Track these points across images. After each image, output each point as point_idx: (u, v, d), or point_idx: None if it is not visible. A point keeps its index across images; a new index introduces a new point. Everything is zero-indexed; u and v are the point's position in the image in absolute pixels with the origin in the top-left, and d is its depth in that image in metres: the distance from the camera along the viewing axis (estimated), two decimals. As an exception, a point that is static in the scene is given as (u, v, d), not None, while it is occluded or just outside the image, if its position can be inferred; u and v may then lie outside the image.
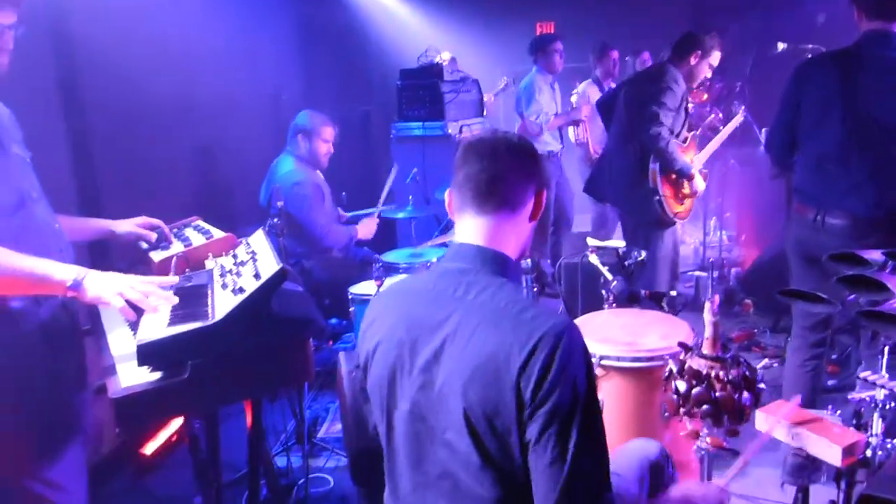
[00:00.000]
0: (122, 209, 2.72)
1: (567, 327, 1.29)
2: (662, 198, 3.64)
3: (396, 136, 5.36)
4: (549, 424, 1.24)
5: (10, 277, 1.77)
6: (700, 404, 1.70)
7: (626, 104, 3.83)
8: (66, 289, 1.82)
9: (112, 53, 3.47)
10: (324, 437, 3.57)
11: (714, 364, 1.72)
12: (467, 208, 1.48)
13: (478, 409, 1.30)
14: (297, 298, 1.96)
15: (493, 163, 1.46)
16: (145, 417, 1.69)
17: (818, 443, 1.71)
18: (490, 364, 1.28)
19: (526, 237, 1.54)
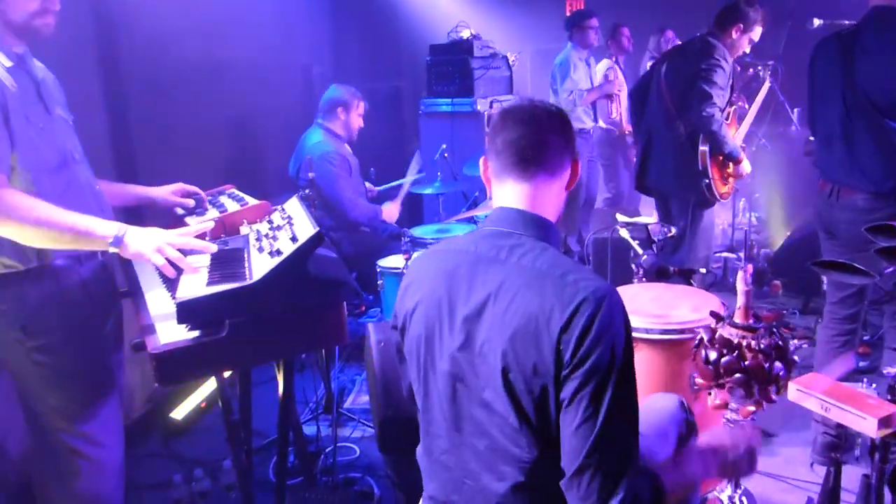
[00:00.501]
0: (157, 175, 2.76)
1: (609, 291, 1.31)
2: (711, 181, 3.56)
3: (425, 112, 5.36)
4: (585, 385, 1.26)
5: (55, 231, 1.83)
6: (730, 373, 1.70)
7: (669, 82, 3.71)
8: (107, 244, 1.87)
9: (150, 23, 3.51)
10: (350, 407, 3.62)
11: (746, 333, 1.72)
12: (507, 174, 1.49)
13: (516, 369, 1.32)
14: (331, 263, 1.99)
15: (534, 128, 1.47)
16: (184, 373, 1.72)
17: (853, 415, 1.71)
18: (531, 324, 1.30)
19: (561, 205, 1.55)
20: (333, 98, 4.15)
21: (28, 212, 1.80)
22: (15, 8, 1.89)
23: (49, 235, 1.84)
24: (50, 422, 2.07)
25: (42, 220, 1.82)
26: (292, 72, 5.47)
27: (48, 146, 1.96)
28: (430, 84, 5.37)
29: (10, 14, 1.90)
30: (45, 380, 2.01)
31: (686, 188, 3.66)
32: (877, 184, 2.64)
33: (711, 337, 1.75)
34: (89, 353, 2.08)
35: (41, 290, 1.96)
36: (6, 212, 1.78)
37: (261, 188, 3.35)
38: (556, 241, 1.48)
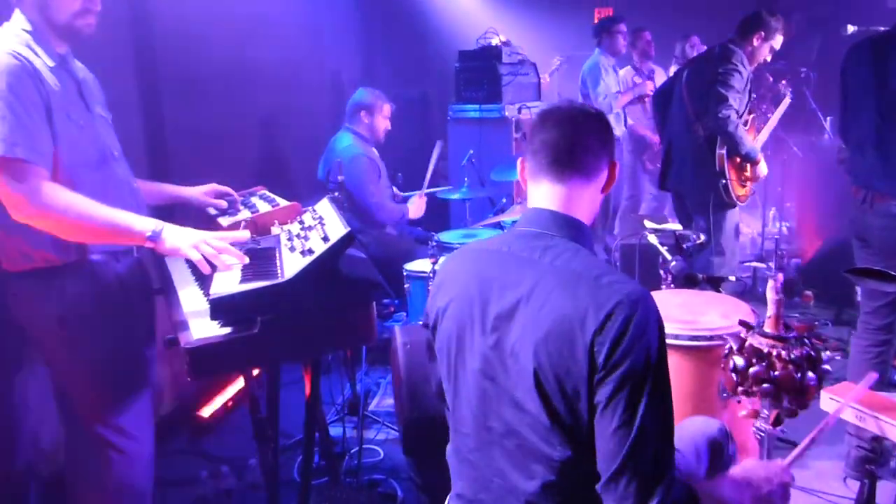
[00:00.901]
0: (190, 175, 2.80)
1: (644, 294, 1.31)
2: (728, 181, 3.60)
3: (453, 118, 5.37)
4: (620, 389, 1.25)
5: (94, 225, 1.87)
6: (759, 383, 1.68)
7: (689, 87, 3.78)
8: (145, 239, 1.91)
9: (185, 26, 3.56)
10: (375, 409, 3.63)
11: (776, 343, 1.69)
12: (543, 175, 1.49)
13: (548, 370, 1.31)
14: (361, 263, 2.00)
15: (572, 130, 1.47)
16: (215, 367, 1.76)
17: (888, 424, 1.68)
18: (564, 326, 1.30)
19: (597, 208, 1.55)
20: (357, 102, 4.19)
21: (69, 206, 1.85)
22: (58, 9, 1.94)
23: (88, 229, 1.88)
24: (83, 413, 2.11)
25: (82, 214, 1.86)
26: (322, 76, 5.53)
27: (88, 143, 2.01)
28: (458, 90, 5.38)
29: (54, 15, 1.95)
30: (80, 372, 2.06)
31: (703, 189, 3.70)
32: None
33: (741, 346, 1.73)
34: (124, 347, 2.12)
35: (79, 284, 2.00)
36: (48, 205, 1.83)
37: (291, 190, 3.39)
38: (588, 243, 1.48)
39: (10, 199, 1.81)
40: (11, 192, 1.80)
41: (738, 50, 3.63)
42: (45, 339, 2.05)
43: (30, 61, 1.87)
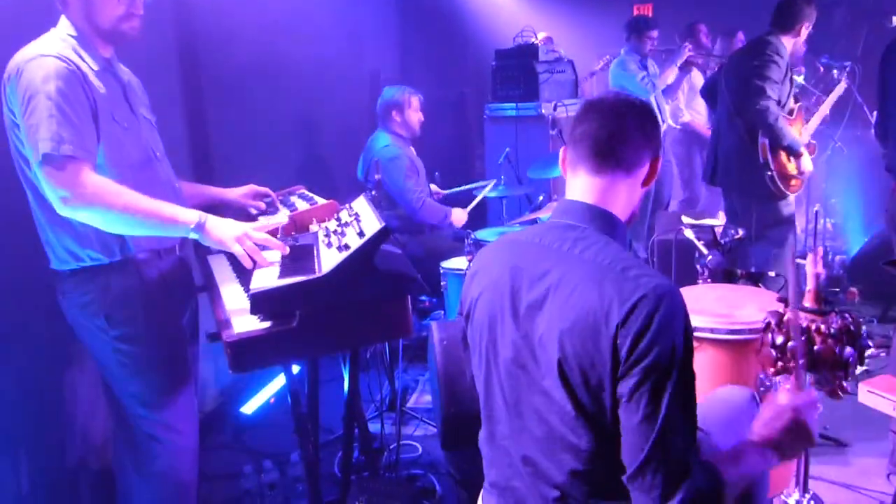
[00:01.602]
0: (232, 175, 2.87)
1: (670, 289, 1.31)
2: (774, 173, 3.55)
3: (490, 117, 5.39)
4: (644, 382, 1.26)
5: (140, 216, 1.92)
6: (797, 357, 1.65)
7: (728, 81, 3.76)
8: (189, 230, 1.96)
9: (226, 28, 3.64)
10: (413, 406, 3.66)
11: (815, 317, 1.67)
12: (581, 165, 1.50)
13: (573, 360, 1.33)
14: (397, 258, 2.04)
15: (614, 120, 1.47)
16: (256, 361, 1.80)
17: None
18: (590, 317, 1.31)
19: (636, 202, 1.54)
20: (386, 101, 4.24)
21: (115, 196, 1.89)
22: (102, 14, 2.02)
23: (134, 220, 1.92)
24: (130, 408, 2.18)
25: (129, 205, 1.90)
26: (360, 77, 5.60)
27: (133, 144, 2.08)
28: (494, 89, 5.40)
29: (99, 20, 2.02)
30: (126, 367, 2.12)
31: (749, 182, 3.67)
32: None
33: (779, 321, 1.70)
34: (168, 343, 2.18)
35: (124, 281, 2.06)
36: (94, 195, 1.87)
37: (330, 189, 3.45)
38: (621, 236, 1.48)
39: (56, 193, 1.85)
40: (57, 186, 1.84)
41: (773, 41, 3.59)
42: (92, 337, 2.11)
43: (76, 65, 1.94)
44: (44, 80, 1.86)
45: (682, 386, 1.27)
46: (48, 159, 1.83)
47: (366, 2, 5.66)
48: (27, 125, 1.86)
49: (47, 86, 1.86)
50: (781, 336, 1.66)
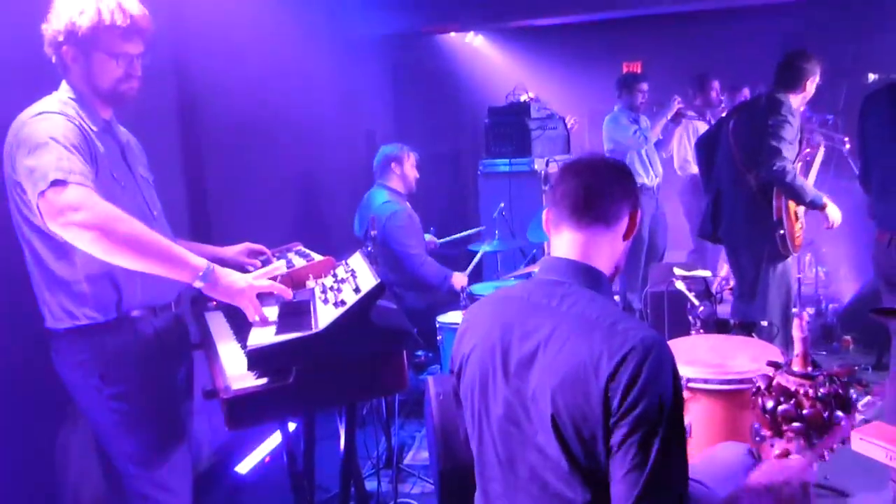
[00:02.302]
0: (230, 233, 2.91)
1: (658, 341, 1.34)
2: (786, 231, 3.55)
3: (484, 173, 5.49)
4: (632, 433, 1.28)
5: (150, 250, 1.89)
6: (788, 421, 1.69)
7: (737, 137, 3.74)
8: (197, 276, 1.93)
9: (225, 90, 3.73)
10: (410, 463, 3.63)
11: (803, 381, 1.70)
12: (563, 223, 1.55)
13: (565, 415, 1.35)
14: (392, 313, 2.06)
15: (590, 178, 1.53)
16: (253, 417, 1.80)
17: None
18: (580, 372, 1.33)
19: (619, 255, 1.58)
20: (385, 155, 4.32)
21: (123, 222, 1.85)
22: (102, 77, 2.08)
23: (143, 253, 1.87)
24: (122, 468, 2.15)
25: (137, 234, 1.86)
26: (356, 135, 5.71)
27: (129, 203, 2.10)
28: (488, 145, 5.51)
29: (98, 82, 2.08)
30: (119, 426, 2.11)
31: (759, 240, 3.64)
32: None
33: (768, 385, 1.74)
34: (162, 402, 2.18)
35: (119, 340, 2.07)
36: (100, 215, 1.82)
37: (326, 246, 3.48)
38: (606, 290, 1.51)
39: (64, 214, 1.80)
40: (66, 206, 1.80)
41: (784, 100, 3.58)
42: (86, 396, 2.10)
43: (79, 121, 2.00)
44: (50, 130, 1.90)
45: (672, 437, 1.29)
46: (59, 185, 1.80)
47: (362, 62, 5.81)
48: (29, 166, 1.85)
49: (54, 133, 1.89)
50: (772, 400, 1.69)
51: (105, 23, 2.03)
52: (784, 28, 6.81)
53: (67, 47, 2.04)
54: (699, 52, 7.02)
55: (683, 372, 2.30)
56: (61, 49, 2.05)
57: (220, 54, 3.65)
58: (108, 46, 2.06)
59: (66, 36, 2.02)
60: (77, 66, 2.07)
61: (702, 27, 6.96)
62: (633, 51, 7.56)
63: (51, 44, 2.05)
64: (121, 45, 2.07)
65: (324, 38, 5.08)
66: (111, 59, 2.07)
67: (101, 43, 2.04)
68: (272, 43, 4.18)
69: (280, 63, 4.28)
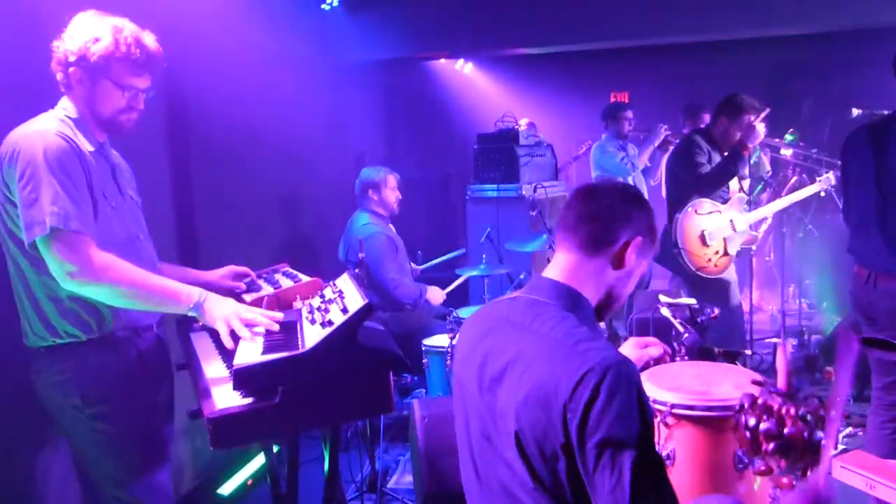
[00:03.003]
0: (216, 256, 2.91)
1: (617, 362, 1.30)
2: (682, 250, 3.79)
3: (471, 198, 5.52)
4: (599, 459, 1.25)
5: (148, 292, 1.97)
6: (769, 440, 1.69)
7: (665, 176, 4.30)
8: (188, 308, 2.00)
9: (215, 113, 3.76)
10: (394, 487, 3.61)
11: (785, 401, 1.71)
12: (558, 245, 1.58)
13: (528, 434, 1.35)
14: (379, 335, 2.07)
15: (584, 203, 1.55)
16: (238, 437, 1.80)
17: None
18: (541, 393, 1.33)
19: (611, 282, 1.55)
20: (362, 182, 4.37)
21: (123, 273, 1.94)
22: (104, 104, 2.10)
23: (140, 296, 1.97)
24: (103, 487, 2.13)
25: (136, 282, 1.95)
26: (345, 158, 5.75)
27: (119, 224, 2.13)
28: (477, 170, 5.56)
29: (99, 108, 2.10)
30: (100, 446, 2.09)
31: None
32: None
33: (752, 403, 1.75)
34: (143, 422, 2.16)
35: (101, 359, 2.06)
36: (102, 270, 1.91)
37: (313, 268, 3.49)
38: (584, 312, 1.50)
39: (63, 268, 1.88)
40: (66, 261, 1.88)
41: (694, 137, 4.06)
42: (66, 416, 2.08)
43: (75, 142, 2.01)
44: (44, 155, 1.91)
45: (645, 463, 1.25)
46: (57, 234, 1.87)
47: (352, 86, 5.86)
48: (26, 198, 1.89)
49: (49, 160, 1.91)
50: (754, 418, 1.70)
51: (119, 54, 2.05)
52: (771, 61, 6.95)
53: (76, 69, 2.06)
54: (687, 82, 7.14)
55: (667, 398, 2.31)
56: (69, 69, 2.06)
57: (210, 76, 3.68)
58: (118, 77, 2.08)
59: (77, 58, 2.04)
60: (82, 88, 2.08)
61: (690, 59, 7.10)
62: (621, 80, 7.69)
63: (60, 62, 2.07)
64: (130, 77, 2.10)
65: (315, 62, 5.13)
66: (117, 90, 2.09)
67: (112, 72, 2.07)
68: (263, 66, 4.23)
69: (270, 86, 4.32)
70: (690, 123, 5.89)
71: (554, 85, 7.39)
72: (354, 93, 5.96)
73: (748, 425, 1.68)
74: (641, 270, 1.60)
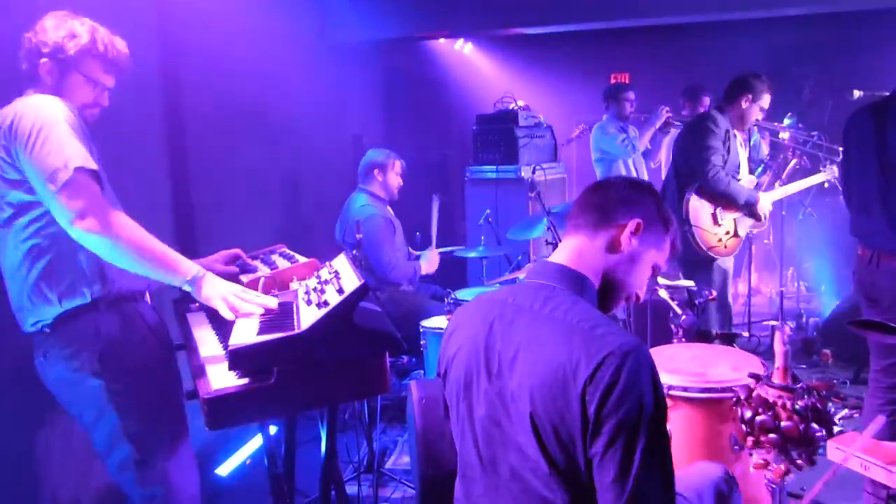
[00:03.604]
0: (214, 237, 2.90)
1: (636, 346, 1.33)
2: (695, 228, 3.76)
3: (470, 179, 5.50)
4: (614, 441, 1.28)
5: (149, 254, 1.95)
6: (766, 433, 1.70)
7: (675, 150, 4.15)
8: (185, 280, 1.98)
9: (213, 94, 3.75)
10: (392, 468, 3.62)
11: (782, 393, 1.72)
12: (565, 234, 1.61)
13: (543, 416, 1.35)
14: (375, 315, 2.06)
15: (591, 191, 1.61)
16: (233, 417, 1.79)
17: (890, 472, 1.68)
18: (558, 375, 1.34)
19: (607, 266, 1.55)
20: (369, 161, 4.32)
21: (130, 229, 1.93)
22: (72, 97, 2.09)
23: (141, 256, 1.93)
24: (124, 471, 2.11)
25: (142, 242, 1.93)
26: (344, 139, 5.72)
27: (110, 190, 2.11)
28: (476, 152, 5.53)
29: (66, 100, 2.05)
30: (122, 414, 2.07)
31: None
32: None
33: (748, 395, 1.76)
34: (162, 386, 2.17)
35: (110, 319, 2.06)
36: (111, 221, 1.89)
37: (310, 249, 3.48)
38: (590, 296, 1.52)
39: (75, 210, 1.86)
40: (79, 203, 1.86)
41: (713, 113, 3.97)
42: (82, 391, 2.06)
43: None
44: (51, 113, 1.92)
45: (655, 444, 1.29)
46: (80, 172, 1.87)
47: (351, 67, 5.82)
48: (40, 150, 1.87)
49: (57, 117, 1.92)
50: (750, 411, 1.70)
51: (96, 51, 2.08)
52: (773, 43, 6.89)
53: (48, 61, 2.06)
54: (687, 64, 7.09)
55: (665, 380, 2.31)
56: (39, 60, 2.06)
57: (206, 58, 3.66)
58: (90, 71, 2.10)
59: (52, 50, 2.05)
60: (50, 79, 2.08)
61: (690, 40, 7.03)
62: (622, 61, 7.62)
63: (29, 53, 2.06)
64: (101, 74, 2.13)
65: (313, 42, 5.09)
66: (88, 84, 2.11)
67: (85, 67, 2.09)
68: (260, 47, 4.19)
69: (268, 67, 4.29)
70: (690, 106, 5.85)
71: (554, 66, 7.33)
72: (353, 73, 5.92)
73: (744, 418, 1.68)
74: (653, 259, 1.60)
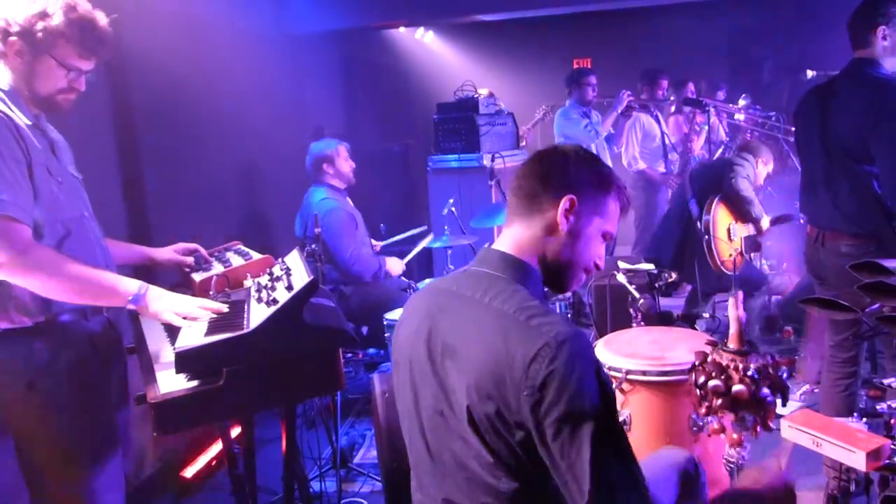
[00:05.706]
0: (168, 233, 2.84)
1: (572, 335, 1.28)
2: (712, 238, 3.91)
3: (433, 169, 5.48)
4: (559, 433, 1.24)
5: (81, 285, 1.89)
6: (718, 397, 1.71)
7: None
8: (127, 301, 1.93)
9: (163, 83, 3.65)
10: (360, 462, 3.61)
11: (735, 357, 1.73)
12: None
13: (480, 409, 1.33)
14: (328, 311, 2.04)
15: (520, 174, 1.54)
16: (182, 421, 1.76)
17: (842, 449, 1.70)
18: (495, 367, 1.30)
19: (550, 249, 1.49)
20: (314, 158, 4.26)
21: (57, 266, 1.86)
22: (43, 83, 1.99)
23: (74, 289, 1.89)
24: (53, 478, 2.06)
25: (72, 275, 1.87)
26: (304, 132, 5.64)
27: (66, 199, 2.02)
28: (437, 141, 5.50)
29: (38, 86, 1.98)
30: (50, 436, 2.02)
31: None
32: (859, 226, 2.69)
33: (702, 360, 1.77)
34: (95, 409, 2.10)
35: (49, 346, 1.98)
36: (36, 263, 1.84)
37: (269, 245, 3.44)
38: (532, 284, 1.47)
39: None
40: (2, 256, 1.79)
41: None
42: (12, 407, 2.00)
43: (10, 118, 1.89)
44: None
45: (605, 435, 1.24)
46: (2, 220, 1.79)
47: (310, 57, 5.75)
48: None
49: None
50: (704, 376, 1.71)
51: (68, 34, 1.95)
52: (732, 26, 6.95)
53: (18, 40, 1.94)
54: (646, 48, 7.13)
55: (622, 364, 2.31)
56: (8, 38, 1.94)
57: (158, 49, 3.56)
58: (63, 56, 1.98)
59: (21, 29, 1.93)
60: (20, 60, 1.96)
61: (650, 24, 7.07)
62: (583, 47, 7.64)
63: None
64: (75, 59, 2.00)
65: (269, 33, 5.01)
66: (61, 69, 1.99)
67: (57, 51, 1.96)
68: (215, 37, 4.11)
69: (223, 58, 4.21)
70: (648, 90, 5.88)
71: (516, 52, 7.33)
72: (312, 63, 5.84)
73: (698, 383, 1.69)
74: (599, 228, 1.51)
